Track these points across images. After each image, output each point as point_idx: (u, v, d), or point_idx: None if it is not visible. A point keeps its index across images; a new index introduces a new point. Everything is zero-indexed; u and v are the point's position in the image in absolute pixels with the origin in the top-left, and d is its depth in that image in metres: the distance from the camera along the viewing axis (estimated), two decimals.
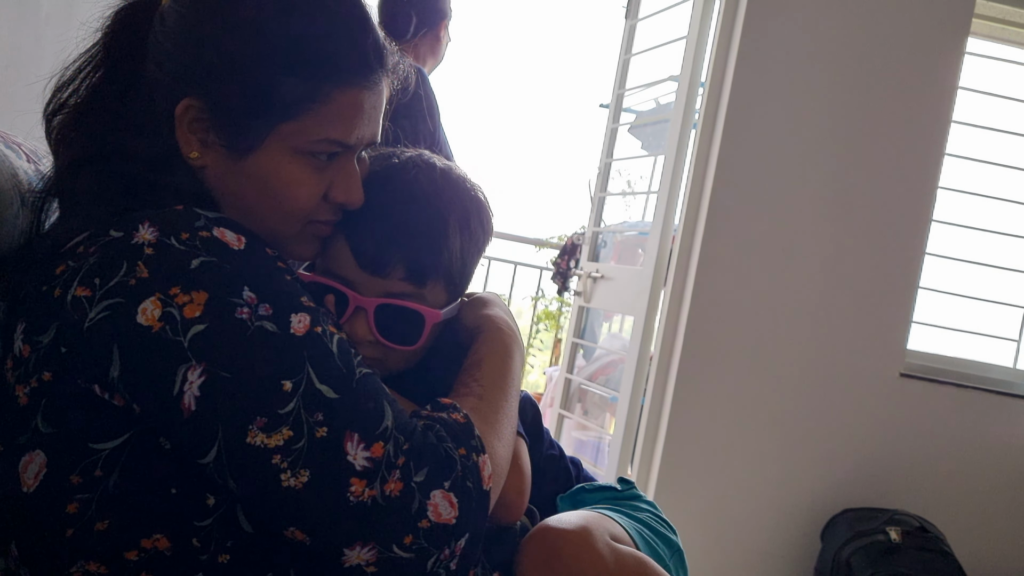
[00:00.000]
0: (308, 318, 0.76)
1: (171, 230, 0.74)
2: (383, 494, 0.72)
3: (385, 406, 0.76)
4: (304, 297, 0.78)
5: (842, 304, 2.75)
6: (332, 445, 0.71)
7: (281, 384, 0.71)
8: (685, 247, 2.78)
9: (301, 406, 0.71)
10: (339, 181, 0.87)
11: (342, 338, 0.79)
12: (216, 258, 0.74)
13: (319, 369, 0.73)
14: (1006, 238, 2.88)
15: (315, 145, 0.83)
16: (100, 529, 0.73)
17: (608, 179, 3.49)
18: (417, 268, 0.93)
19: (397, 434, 0.75)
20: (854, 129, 2.73)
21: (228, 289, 0.73)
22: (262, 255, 0.78)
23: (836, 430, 2.76)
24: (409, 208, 0.93)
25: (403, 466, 0.73)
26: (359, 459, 0.72)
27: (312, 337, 0.75)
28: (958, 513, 2.77)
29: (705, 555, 2.72)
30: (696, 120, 2.85)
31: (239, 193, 0.85)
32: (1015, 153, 2.89)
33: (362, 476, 0.71)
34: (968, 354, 2.92)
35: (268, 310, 0.74)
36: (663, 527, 1.06)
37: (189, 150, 0.83)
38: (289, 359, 0.73)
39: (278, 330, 0.73)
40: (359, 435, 0.72)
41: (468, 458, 0.78)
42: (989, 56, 2.89)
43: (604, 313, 3.95)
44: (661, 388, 2.79)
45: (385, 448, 0.73)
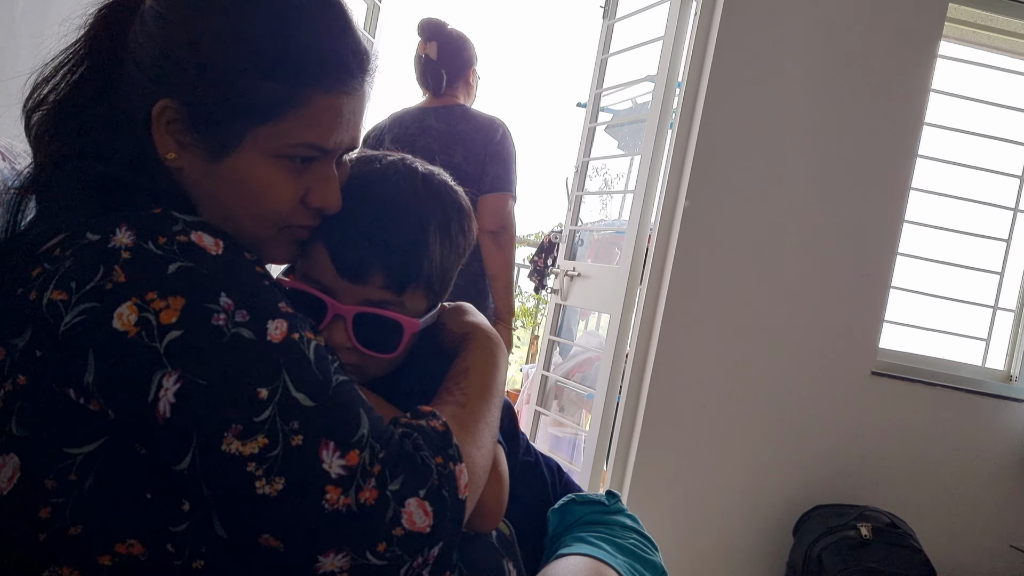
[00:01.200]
0: (285, 324, 0.75)
1: (148, 234, 0.74)
2: (358, 502, 0.72)
3: (361, 414, 0.76)
4: (282, 303, 0.77)
5: (816, 303, 2.78)
6: (307, 453, 0.71)
7: (257, 392, 0.71)
8: (661, 246, 2.80)
9: (277, 414, 0.71)
10: (317, 186, 0.87)
11: (320, 344, 0.78)
12: (193, 263, 0.73)
13: (295, 376, 0.73)
14: (976, 239, 2.93)
15: (292, 149, 0.83)
16: (74, 534, 0.72)
17: (586, 178, 3.50)
18: (397, 276, 0.92)
19: (373, 442, 0.74)
20: (829, 130, 2.76)
21: (205, 295, 0.72)
22: (240, 260, 0.77)
23: (809, 428, 2.79)
24: (389, 215, 0.92)
25: (379, 475, 0.73)
26: (335, 467, 0.72)
27: (289, 344, 0.75)
28: (927, 509, 2.82)
29: (679, 551, 2.74)
30: (673, 120, 2.87)
31: (215, 195, 0.84)
32: (986, 155, 2.93)
33: (337, 484, 0.71)
34: (939, 353, 2.97)
35: (245, 316, 0.73)
36: (647, 549, 1.05)
37: (166, 151, 0.82)
38: (265, 366, 0.72)
39: (255, 337, 0.73)
40: (335, 443, 0.72)
41: (445, 467, 0.78)
42: (961, 59, 2.94)
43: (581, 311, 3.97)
44: (637, 385, 2.81)
45: (361, 456, 0.73)
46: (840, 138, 2.77)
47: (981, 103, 2.92)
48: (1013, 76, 2.99)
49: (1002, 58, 3.04)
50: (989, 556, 2.86)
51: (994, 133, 2.93)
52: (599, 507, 1.10)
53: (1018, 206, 2.95)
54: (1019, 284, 3.02)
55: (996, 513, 2.88)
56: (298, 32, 0.82)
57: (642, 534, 1.07)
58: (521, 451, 1.10)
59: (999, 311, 2.97)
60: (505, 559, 0.92)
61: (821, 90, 2.75)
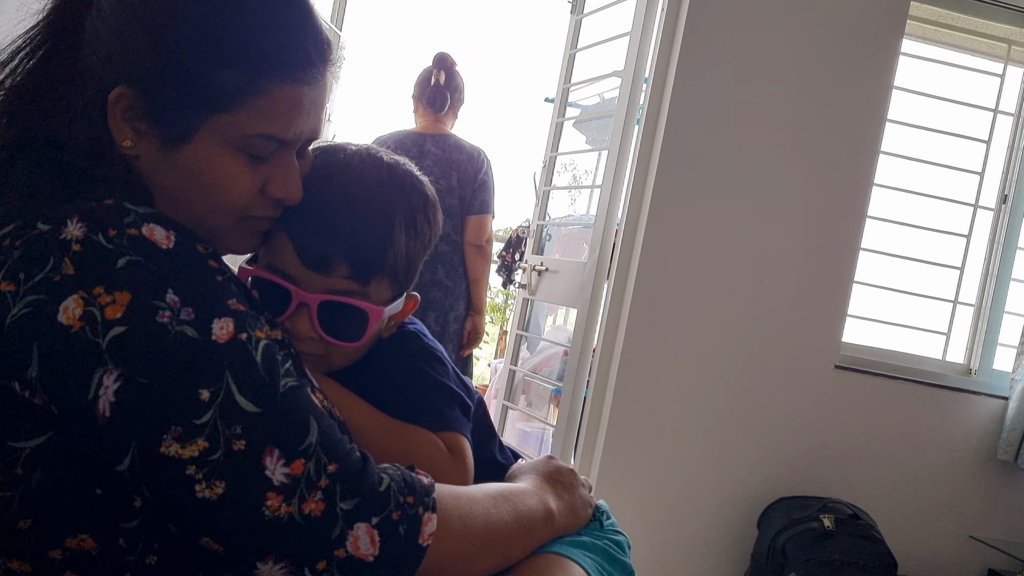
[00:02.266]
0: (232, 323, 0.73)
1: (100, 226, 0.72)
2: (300, 512, 0.70)
3: (311, 422, 0.73)
4: (232, 299, 0.75)
5: (780, 297, 2.80)
6: (250, 459, 0.70)
7: (198, 393, 0.69)
8: (628, 241, 2.81)
9: (218, 417, 0.70)
10: (276, 176, 0.85)
11: (270, 344, 0.76)
12: (142, 258, 0.72)
13: (239, 379, 0.71)
14: (938, 235, 2.98)
15: (251, 140, 0.81)
16: (23, 528, 0.71)
17: (553, 173, 3.51)
18: (361, 266, 0.91)
19: (321, 453, 0.73)
20: (793, 126, 2.79)
21: (152, 291, 0.71)
22: (192, 254, 0.75)
23: (773, 421, 2.82)
24: (354, 205, 0.91)
25: (326, 488, 0.72)
26: (277, 474, 0.70)
27: (235, 345, 0.73)
28: (889, 501, 2.86)
29: (645, 543, 2.76)
30: (640, 115, 2.88)
31: (172, 185, 0.82)
32: (947, 152, 2.98)
33: (279, 491, 0.70)
34: (900, 347, 3.01)
35: (190, 314, 0.71)
36: (617, 551, 1.04)
37: (122, 139, 0.81)
38: (208, 367, 0.70)
39: (199, 336, 0.71)
40: (280, 450, 0.71)
41: (412, 507, 0.76)
42: (923, 57, 2.98)
43: (548, 306, 3.98)
44: (603, 380, 2.82)
45: (306, 466, 0.71)
46: (804, 134, 2.79)
47: (943, 100, 2.96)
48: (974, 74, 3.04)
49: (964, 56, 3.09)
50: (949, 546, 2.91)
51: (955, 130, 2.97)
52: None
53: (978, 202, 3.00)
54: (979, 279, 3.08)
55: (956, 504, 2.93)
56: (257, 20, 0.80)
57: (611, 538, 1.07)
58: (496, 447, 1.09)
59: (959, 306, 3.01)
60: None
61: (785, 86, 2.78)
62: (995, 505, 2.94)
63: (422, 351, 1.02)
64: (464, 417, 0.99)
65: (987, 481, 2.94)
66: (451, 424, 0.95)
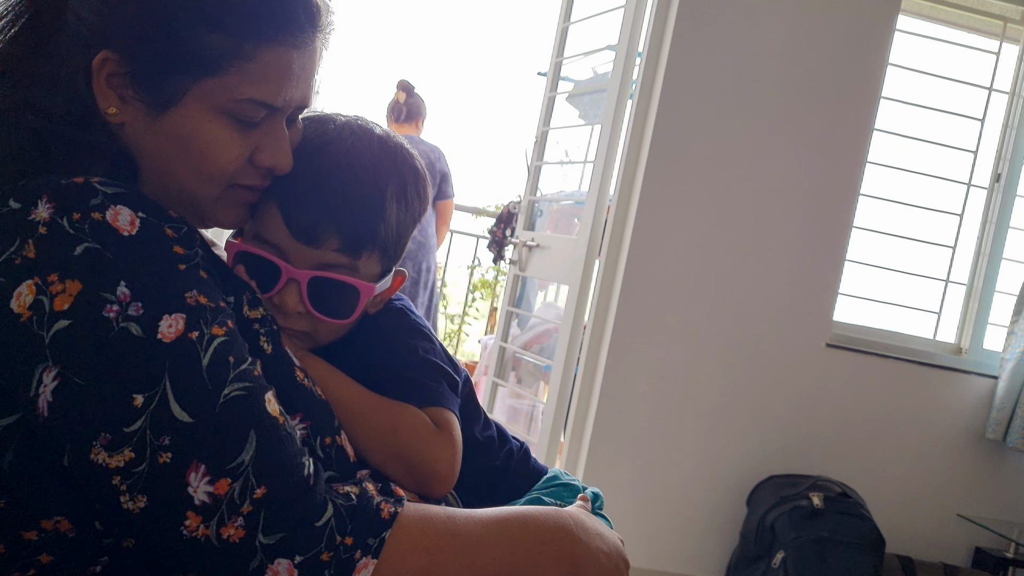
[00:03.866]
0: (184, 320, 0.69)
1: (65, 209, 0.69)
2: (218, 536, 0.66)
3: (249, 438, 0.68)
4: (192, 291, 0.71)
5: (772, 275, 2.79)
6: (174, 473, 0.66)
7: (132, 398, 0.66)
8: (620, 217, 2.79)
9: (148, 426, 0.65)
10: (266, 144, 0.83)
11: (226, 343, 0.71)
12: (100, 245, 0.68)
13: (179, 383, 0.67)
14: (931, 213, 2.96)
15: (239, 105, 0.79)
16: None
17: (545, 148, 3.47)
18: (352, 239, 0.89)
19: (252, 474, 0.67)
20: (787, 102, 2.76)
21: (103, 282, 0.67)
22: (156, 240, 0.72)
23: (764, 399, 2.82)
24: (345, 177, 0.89)
25: (248, 515, 0.66)
26: (200, 492, 0.66)
27: (181, 344, 0.68)
28: (878, 479, 2.87)
29: (635, 521, 2.76)
30: (633, 90, 2.84)
31: (158, 153, 0.80)
32: (941, 130, 2.96)
33: (199, 511, 0.66)
34: (892, 326, 3.01)
35: (139, 310, 0.67)
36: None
37: (106, 105, 0.78)
38: (147, 369, 0.67)
39: (142, 334, 0.67)
40: (206, 466, 0.66)
41: (349, 549, 0.69)
42: (919, 34, 2.95)
43: (539, 282, 3.96)
44: (594, 357, 2.81)
45: (231, 486, 0.66)
46: (798, 110, 2.77)
47: (937, 78, 2.93)
48: (969, 51, 3.02)
49: (959, 33, 3.06)
50: (937, 525, 2.93)
51: (950, 108, 2.95)
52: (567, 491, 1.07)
53: (971, 181, 2.98)
54: (971, 258, 3.07)
55: (944, 483, 2.94)
56: None
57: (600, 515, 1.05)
58: (480, 426, 1.07)
59: (951, 284, 3.01)
60: None
61: (780, 62, 2.74)
62: (983, 484, 2.96)
63: (409, 327, 1.00)
64: (452, 393, 0.97)
65: (976, 460, 2.95)
66: (438, 399, 0.93)
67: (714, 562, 2.82)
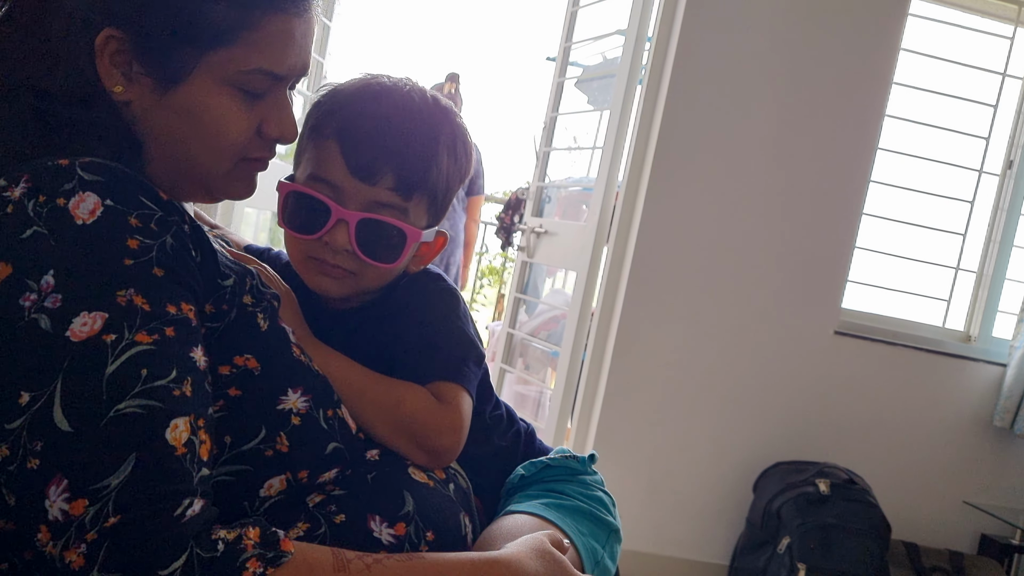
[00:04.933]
0: (102, 320, 0.65)
1: (35, 191, 0.68)
2: (62, 559, 0.61)
3: (126, 462, 0.62)
4: (128, 291, 0.67)
5: (781, 263, 2.78)
6: (36, 482, 0.62)
7: (19, 394, 0.63)
8: (628, 203, 2.78)
9: (27, 426, 0.62)
10: (272, 114, 0.84)
11: (144, 353, 0.66)
12: (48, 231, 0.67)
13: (71, 386, 0.63)
14: (941, 200, 2.95)
15: (246, 76, 0.80)
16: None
17: (554, 134, 3.46)
18: (406, 180, 0.92)
19: (111, 500, 0.61)
20: (798, 88, 2.74)
21: (32, 269, 0.65)
22: (110, 231, 0.69)
23: (771, 386, 2.82)
24: (404, 120, 0.93)
25: (92, 543, 0.61)
26: (55, 508, 0.61)
27: (89, 345, 0.64)
28: (885, 466, 2.87)
29: (642, 507, 2.77)
30: (642, 76, 2.83)
31: (167, 130, 0.80)
32: (953, 116, 2.94)
33: (50, 528, 0.61)
34: (900, 313, 3.00)
35: (56, 303, 0.65)
36: (600, 509, 1.04)
37: (112, 84, 0.78)
38: (42, 367, 0.63)
39: (50, 329, 0.64)
40: (68, 482, 0.62)
41: None
42: (932, 18, 2.92)
43: (547, 268, 3.96)
44: (602, 343, 2.81)
45: (87, 509, 0.61)
46: (809, 96, 2.75)
47: (950, 63, 2.91)
48: (983, 36, 2.99)
49: (972, 18, 3.03)
50: (943, 512, 2.93)
51: (962, 94, 2.93)
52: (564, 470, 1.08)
53: (983, 168, 2.96)
54: (981, 246, 3.05)
55: (951, 470, 2.94)
56: None
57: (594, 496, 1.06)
58: (490, 407, 1.08)
59: (961, 272, 3.00)
60: (461, 513, 0.91)
61: (790, 47, 2.73)
62: (990, 471, 2.96)
63: (443, 291, 1.02)
64: (475, 368, 0.97)
65: (983, 447, 2.95)
66: (451, 373, 0.94)
67: (720, 548, 2.83)
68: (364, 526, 0.80)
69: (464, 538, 0.89)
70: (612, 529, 1.03)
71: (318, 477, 0.81)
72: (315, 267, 0.94)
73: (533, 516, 0.94)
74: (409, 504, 0.84)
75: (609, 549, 1.01)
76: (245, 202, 2.89)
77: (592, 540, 0.98)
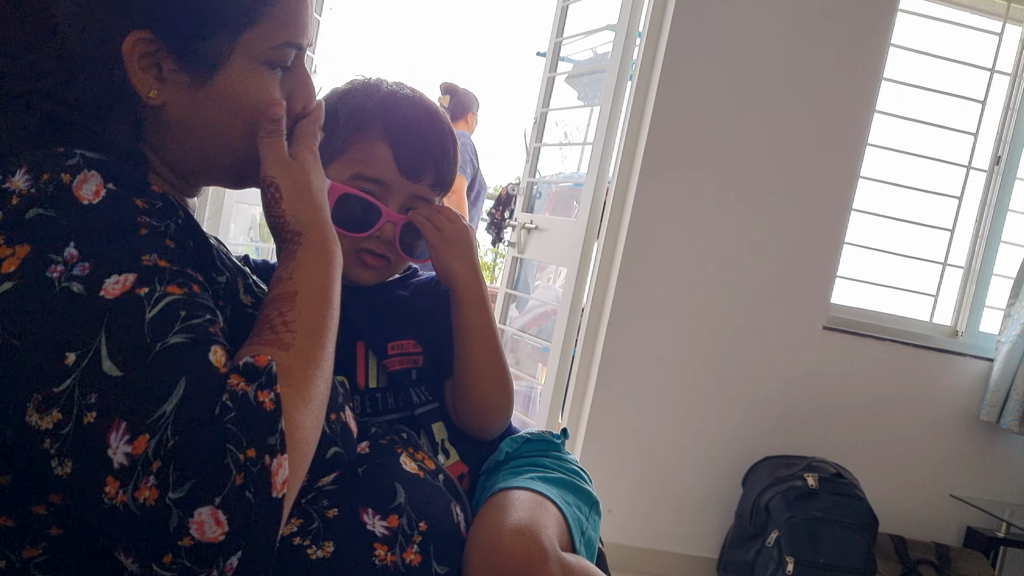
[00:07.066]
0: (133, 278, 0.66)
1: (38, 173, 0.68)
2: (135, 501, 0.60)
3: (179, 384, 0.63)
4: (152, 255, 0.68)
5: (770, 257, 2.80)
6: (96, 435, 0.61)
7: (64, 356, 0.62)
8: (619, 199, 2.79)
9: (77, 383, 0.62)
10: (297, 87, 0.86)
11: (180, 301, 0.67)
12: (55, 212, 0.67)
13: (115, 338, 0.63)
14: (929, 196, 2.96)
15: (276, 51, 0.81)
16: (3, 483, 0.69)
17: (544, 129, 3.46)
18: (441, 178, 1.07)
19: (170, 425, 0.62)
20: (788, 84, 2.75)
21: (51, 245, 0.65)
22: (120, 208, 0.69)
23: (760, 381, 2.83)
24: (436, 123, 1.07)
25: (158, 471, 0.60)
26: (119, 454, 0.61)
27: (126, 300, 0.65)
28: (873, 460, 2.89)
29: (631, 500, 2.78)
30: (633, 71, 2.83)
31: (207, 123, 0.80)
32: (942, 112, 2.95)
33: (117, 475, 0.60)
34: (889, 308, 3.02)
35: (85, 269, 0.65)
36: (582, 480, 1.07)
37: (147, 90, 0.77)
38: (83, 326, 0.63)
39: (84, 292, 0.64)
40: (127, 424, 0.61)
41: (257, 462, 0.63)
42: (919, 14, 2.93)
43: (538, 264, 3.96)
44: (592, 339, 2.81)
45: (148, 443, 0.61)
46: (798, 92, 2.76)
47: (939, 59, 2.92)
48: (972, 32, 3.00)
49: (961, 13, 3.04)
50: (930, 505, 2.95)
51: (951, 89, 2.94)
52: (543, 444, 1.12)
53: (971, 163, 2.98)
54: (969, 241, 3.07)
55: (938, 464, 2.96)
56: None
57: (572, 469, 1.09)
58: None
59: (948, 267, 3.02)
60: (452, 502, 0.91)
61: (780, 43, 2.73)
62: (976, 465, 2.98)
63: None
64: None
65: (970, 441, 2.97)
66: None
67: (709, 541, 2.85)
68: (357, 520, 0.80)
69: (457, 527, 0.89)
70: (593, 500, 1.06)
71: (317, 482, 0.81)
72: (357, 260, 1.05)
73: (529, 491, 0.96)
74: (401, 496, 0.84)
75: (593, 522, 1.03)
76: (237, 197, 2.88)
77: (577, 511, 1.00)
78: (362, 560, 0.78)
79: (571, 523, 0.97)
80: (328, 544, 0.77)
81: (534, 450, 1.10)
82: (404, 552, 0.81)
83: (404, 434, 0.94)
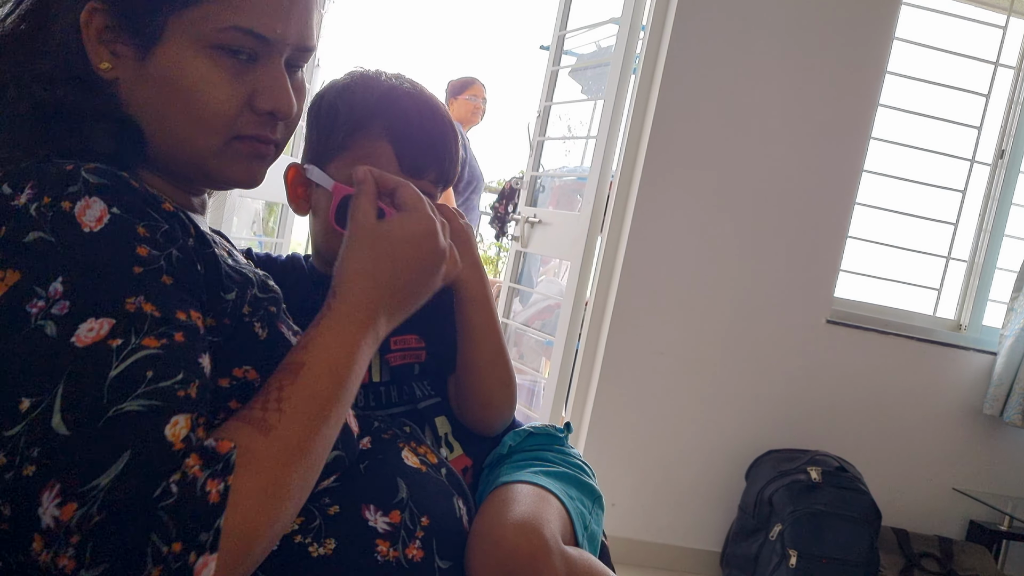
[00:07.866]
0: (108, 326, 0.64)
1: (40, 194, 0.67)
2: (55, 566, 0.59)
3: (119, 460, 0.60)
4: (138, 298, 0.66)
5: (774, 251, 2.80)
6: (31, 490, 0.59)
7: (20, 401, 0.61)
8: (622, 193, 2.79)
9: (25, 433, 0.60)
10: (264, 86, 0.79)
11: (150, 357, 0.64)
12: (55, 238, 0.65)
13: (72, 392, 0.61)
14: (932, 189, 2.96)
15: (222, 35, 0.76)
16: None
17: (548, 123, 3.46)
18: (444, 174, 1.06)
19: (99, 502, 0.59)
20: (791, 77, 2.75)
21: (41, 276, 0.64)
22: (118, 239, 0.68)
23: (764, 374, 2.83)
24: (438, 119, 1.05)
25: (77, 545, 0.58)
26: (47, 515, 0.59)
27: (94, 351, 0.63)
28: (876, 453, 2.89)
29: (635, 494, 2.79)
30: (636, 64, 2.83)
31: (153, 104, 0.77)
32: (946, 105, 2.95)
33: (43, 535, 0.59)
34: (892, 302, 3.02)
35: (63, 309, 0.63)
36: (585, 474, 1.07)
37: (99, 61, 0.76)
38: (44, 373, 0.61)
39: (55, 335, 0.62)
40: (60, 487, 0.59)
41: (180, 558, 0.60)
42: (924, 7, 2.92)
43: (541, 258, 3.96)
44: (596, 333, 2.82)
45: (74, 514, 0.59)
46: (802, 85, 2.76)
47: (943, 52, 2.92)
48: (976, 25, 2.99)
49: (965, 6, 3.03)
50: (932, 499, 2.96)
51: (955, 83, 2.94)
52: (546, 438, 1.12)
53: (975, 157, 2.97)
54: (972, 235, 3.07)
55: (941, 458, 2.96)
56: None
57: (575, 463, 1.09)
58: None
59: (952, 261, 3.01)
60: (455, 497, 0.91)
61: (784, 37, 2.73)
62: (979, 458, 2.98)
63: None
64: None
65: (972, 435, 2.97)
66: None
67: (712, 535, 2.85)
68: (358, 516, 0.80)
69: (459, 521, 0.89)
70: (596, 495, 1.06)
71: (317, 485, 0.80)
72: None
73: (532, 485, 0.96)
74: (403, 491, 0.84)
75: (596, 516, 1.03)
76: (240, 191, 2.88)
77: (580, 505, 1.00)
78: (364, 556, 0.78)
79: (574, 517, 0.97)
80: (329, 541, 0.77)
81: (537, 444, 1.10)
82: (406, 548, 0.81)
83: (407, 428, 0.94)
